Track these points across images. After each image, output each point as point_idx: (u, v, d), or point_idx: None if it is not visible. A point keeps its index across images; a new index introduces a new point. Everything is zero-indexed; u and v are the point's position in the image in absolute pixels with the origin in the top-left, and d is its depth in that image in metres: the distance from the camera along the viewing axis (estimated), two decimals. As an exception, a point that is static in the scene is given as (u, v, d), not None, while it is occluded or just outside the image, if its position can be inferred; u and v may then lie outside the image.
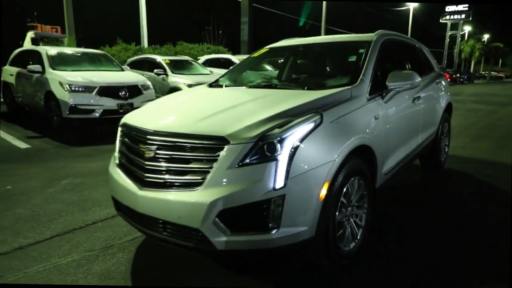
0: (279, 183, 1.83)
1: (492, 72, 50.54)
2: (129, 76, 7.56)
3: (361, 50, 2.91)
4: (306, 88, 2.62)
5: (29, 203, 3.48)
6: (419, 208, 3.45)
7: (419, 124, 3.43)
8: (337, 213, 2.12)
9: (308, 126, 1.97)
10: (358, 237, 2.40)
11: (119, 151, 2.41)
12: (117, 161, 2.39)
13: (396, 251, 2.60)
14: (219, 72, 11.03)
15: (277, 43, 3.71)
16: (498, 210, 3.41)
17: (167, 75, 9.38)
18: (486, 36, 58.89)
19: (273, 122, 1.96)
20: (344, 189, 2.15)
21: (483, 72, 48.51)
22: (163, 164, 2.02)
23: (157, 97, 6.72)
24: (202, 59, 12.82)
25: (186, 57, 11.74)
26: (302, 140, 1.92)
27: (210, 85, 3.25)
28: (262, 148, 1.86)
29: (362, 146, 2.27)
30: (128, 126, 2.35)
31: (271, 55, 3.86)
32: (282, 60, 3.68)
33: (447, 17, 44.07)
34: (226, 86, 3.12)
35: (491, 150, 5.89)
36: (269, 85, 2.96)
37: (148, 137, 2.09)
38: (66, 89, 6.46)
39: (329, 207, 2.01)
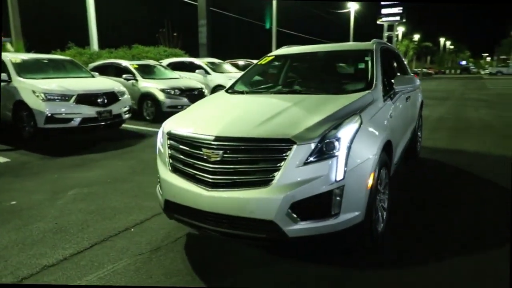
0: (339, 176, 2.15)
1: (423, 69, 55.29)
2: (104, 83, 7.40)
3: (367, 58, 3.33)
4: (330, 93, 2.96)
5: (46, 216, 3.42)
6: (413, 191, 3.97)
7: (409, 119, 3.96)
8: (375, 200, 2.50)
9: (355, 126, 2.31)
10: (384, 219, 2.80)
11: (171, 158, 2.57)
12: (170, 168, 2.55)
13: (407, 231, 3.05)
14: (187, 76, 11.08)
15: (280, 51, 4.02)
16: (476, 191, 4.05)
17: (136, 80, 9.25)
18: (416, 36, 64.45)
19: (327, 124, 2.28)
20: (378, 179, 2.53)
21: (416, 69, 52.94)
22: (230, 166, 2.24)
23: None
24: (165, 62, 12.70)
25: (153, 62, 11.58)
26: (352, 138, 2.25)
27: (231, 92, 3.47)
28: (323, 147, 2.17)
29: (388, 141, 2.67)
30: (179, 135, 2.52)
31: (277, 62, 4.15)
32: (289, 66, 3.98)
33: (383, 19, 47.55)
34: (247, 92, 3.37)
35: (450, 140, 6.75)
36: (292, 91, 3.27)
37: (212, 142, 2.28)
38: (41, 98, 6.20)
39: (373, 194, 2.37)
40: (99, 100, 6.68)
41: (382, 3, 45.85)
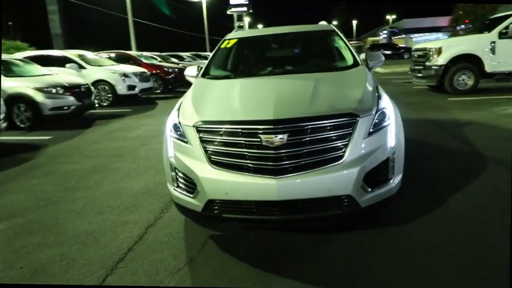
0: (393, 143, 2.31)
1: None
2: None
3: (336, 38, 3.55)
4: (327, 70, 3.07)
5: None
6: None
7: None
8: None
9: (387, 96, 2.50)
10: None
11: (210, 152, 2.24)
12: (211, 164, 2.22)
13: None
14: (62, 70, 9.39)
15: (240, 34, 3.88)
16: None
17: (-4, 79, 7.30)
18: (260, 26, 70.35)
19: (371, 96, 2.39)
20: None
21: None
22: (296, 149, 2.12)
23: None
24: (19, 57, 10.36)
25: (15, 56, 9.34)
26: (389, 107, 2.44)
27: (212, 77, 3.21)
28: (378, 117, 2.28)
29: None
30: (218, 126, 2.23)
31: (242, 45, 3.95)
32: (261, 48, 3.85)
33: (233, 9, 49.83)
34: (235, 77, 3.16)
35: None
36: (288, 71, 3.24)
37: (273, 127, 2.10)
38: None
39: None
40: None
41: (230, -6, 47.85)
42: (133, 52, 13.07)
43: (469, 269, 2.14)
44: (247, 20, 62.39)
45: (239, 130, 2.19)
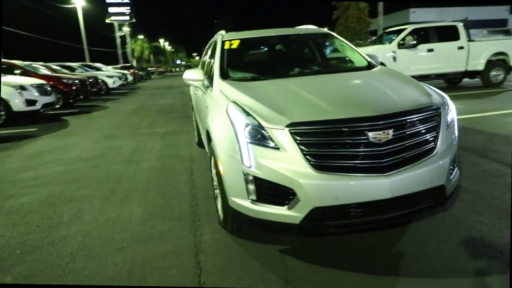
0: (457, 133, 2.51)
1: (158, 69, 58.74)
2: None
3: (337, 40, 3.66)
4: (352, 70, 3.17)
5: None
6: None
7: None
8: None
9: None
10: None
11: (311, 155, 2.03)
12: (313, 168, 2.02)
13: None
14: None
15: (239, 35, 3.64)
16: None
17: None
18: (141, 37, 67.05)
19: (434, 92, 2.55)
20: None
21: (150, 69, 55.25)
22: (399, 144, 2.10)
23: None
24: None
25: None
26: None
27: (235, 79, 2.96)
28: (449, 110, 2.44)
29: None
30: (317, 127, 2.06)
31: (249, 46, 3.68)
32: (269, 50, 3.67)
33: (112, 18, 46.32)
34: (259, 79, 2.95)
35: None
36: (316, 71, 3.18)
37: (379, 123, 2.04)
38: None
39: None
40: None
41: (108, 1, 44.54)
42: (20, 62, 10.95)
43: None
44: (126, 30, 58.62)
45: (343, 129, 2.05)
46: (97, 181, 4.18)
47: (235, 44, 3.48)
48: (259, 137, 2.15)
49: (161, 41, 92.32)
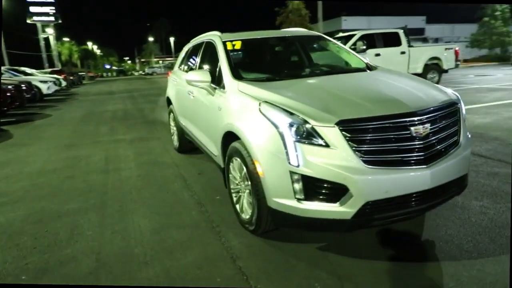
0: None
1: (88, 74, 54.80)
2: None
3: (330, 43, 3.80)
4: (360, 71, 3.32)
5: None
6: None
7: None
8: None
9: None
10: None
11: (362, 151, 2.09)
12: (364, 164, 2.07)
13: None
14: None
15: (237, 36, 3.57)
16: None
17: None
18: (66, 39, 62.06)
19: (446, 89, 2.76)
20: None
21: (80, 73, 51.31)
22: (434, 137, 2.26)
23: None
24: None
25: None
26: None
27: (250, 80, 2.93)
28: (462, 105, 2.67)
29: None
30: (367, 124, 2.13)
31: (252, 48, 3.59)
32: (271, 51, 3.63)
33: (34, 18, 42.12)
34: (273, 79, 2.94)
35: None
36: (325, 72, 3.25)
37: (423, 117, 2.18)
38: None
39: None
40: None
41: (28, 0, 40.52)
42: None
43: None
44: (49, 31, 53.72)
45: (390, 124, 2.14)
46: (79, 193, 3.80)
47: (238, 45, 3.43)
48: (307, 136, 2.15)
49: (90, 44, 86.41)
